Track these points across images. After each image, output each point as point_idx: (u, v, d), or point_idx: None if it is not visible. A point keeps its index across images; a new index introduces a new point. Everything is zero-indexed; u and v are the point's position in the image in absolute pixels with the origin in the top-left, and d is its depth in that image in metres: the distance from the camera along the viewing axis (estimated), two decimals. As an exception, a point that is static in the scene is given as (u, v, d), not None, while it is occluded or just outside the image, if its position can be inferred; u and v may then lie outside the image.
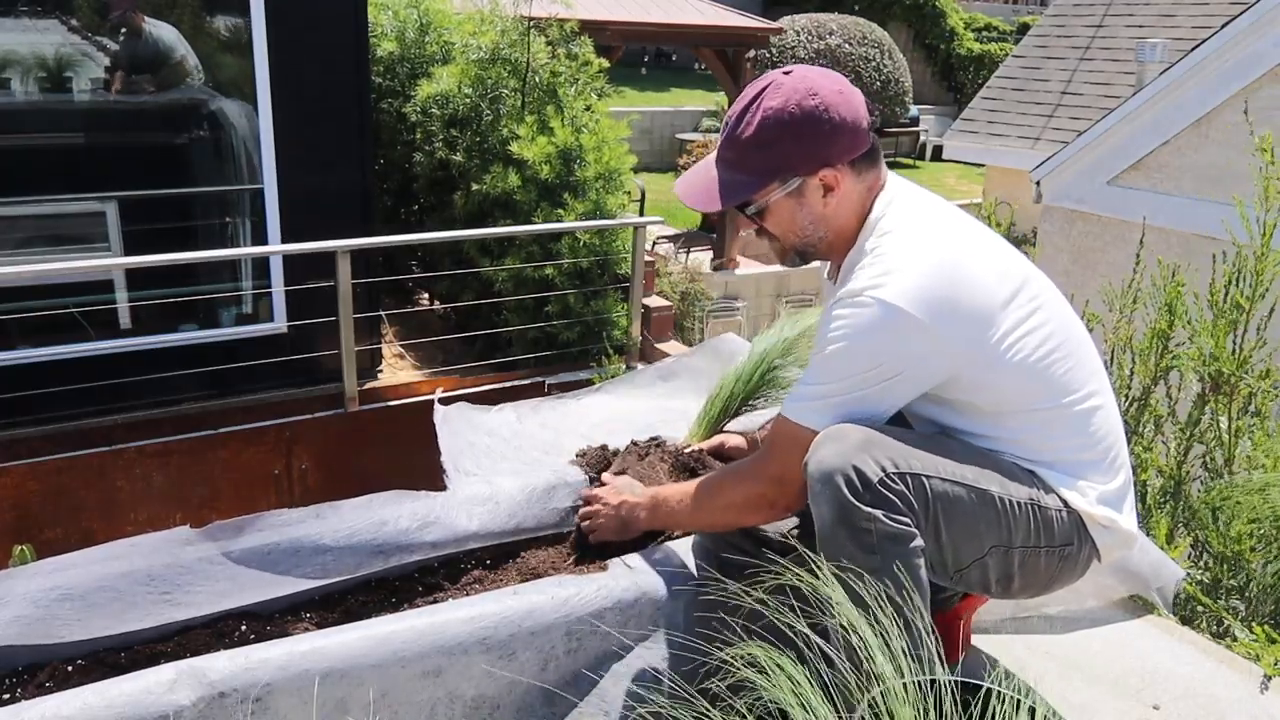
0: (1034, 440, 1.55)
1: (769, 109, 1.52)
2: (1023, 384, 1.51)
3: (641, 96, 17.14)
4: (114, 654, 1.65)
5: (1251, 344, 2.71)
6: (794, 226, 1.60)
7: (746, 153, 1.55)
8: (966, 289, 1.47)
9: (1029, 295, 1.53)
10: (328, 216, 4.50)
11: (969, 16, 20.74)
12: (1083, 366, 1.57)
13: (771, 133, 1.52)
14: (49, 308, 4.08)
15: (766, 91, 1.54)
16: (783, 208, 1.58)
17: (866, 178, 1.59)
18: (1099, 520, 1.54)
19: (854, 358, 1.47)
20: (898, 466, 1.42)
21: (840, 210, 1.58)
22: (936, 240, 1.51)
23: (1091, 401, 1.56)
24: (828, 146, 1.53)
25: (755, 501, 1.60)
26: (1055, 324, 1.55)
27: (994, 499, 1.47)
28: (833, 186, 1.55)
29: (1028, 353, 1.50)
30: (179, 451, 4.18)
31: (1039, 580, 1.57)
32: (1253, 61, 5.84)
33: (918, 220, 1.55)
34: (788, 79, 1.54)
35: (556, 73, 5.33)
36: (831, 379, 1.49)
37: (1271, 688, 1.88)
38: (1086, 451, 1.56)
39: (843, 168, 1.55)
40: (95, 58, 4.30)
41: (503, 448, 2.24)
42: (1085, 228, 6.97)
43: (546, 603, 1.60)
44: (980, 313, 1.48)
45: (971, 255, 1.51)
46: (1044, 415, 1.53)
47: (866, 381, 1.47)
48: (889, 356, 1.46)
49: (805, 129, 1.51)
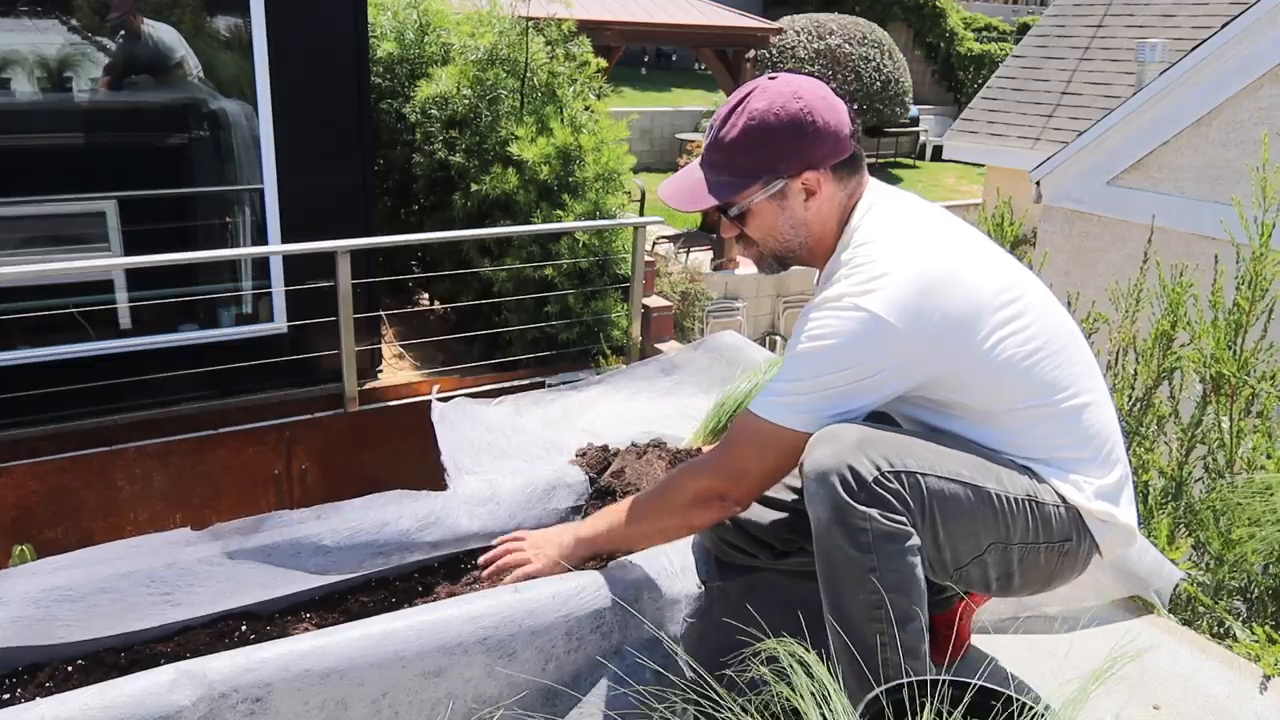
0: (1026, 437, 1.55)
1: (755, 111, 1.54)
2: (1009, 383, 1.52)
3: (641, 96, 17.14)
4: (114, 654, 1.66)
5: (1253, 345, 2.71)
6: (775, 230, 1.61)
7: (731, 154, 1.56)
8: (945, 296, 1.47)
9: (1012, 296, 1.53)
10: (328, 216, 4.50)
11: (969, 16, 20.74)
12: (1072, 364, 1.57)
13: (756, 134, 1.54)
14: (49, 308, 4.08)
15: (752, 95, 1.56)
16: (764, 210, 1.59)
17: (848, 185, 1.60)
18: (1096, 515, 1.54)
19: (828, 359, 1.48)
20: (893, 465, 1.42)
21: (820, 215, 1.59)
22: (915, 248, 1.52)
23: (1081, 398, 1.56)
24: (811, 150, 1.54)
25: (706, 495, 1.60)
26: (1040, 323, 1.55)
27: (990, 496, 1.48)
28: (814, 190, 1.57)
29: (1012, 352, 1.51)
30: (179, 451, 4.18)
31: (1039, 577, 1.57)
32: (1253, 61, 5.84)
33: (896, 228, 1.56)
34: (773, 84, 1.56)
35: (555, 73, 5.34)
36: (803, 377, 1.50)
37: (1271, 688, 1.88)
38: (1080, 448, 1.56)
39: (825, 172, 1.56)
40: (95, 58, 4.30)
41: (503, 443, 2.24)
42: (1085, 228, 6.97)
43: (547, 602, 1.60)
44: (960, 318, 1.48)
45: (951, 261, 1.52)
46: (1034, 413, 1.54)
47: (837, 382, 1.48)
48: (863, 360, 1.47)
49: (789, 131, 1.53)
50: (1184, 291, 2.81)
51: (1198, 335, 2.77)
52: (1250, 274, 2.68)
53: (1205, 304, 2.83)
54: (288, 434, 4.39)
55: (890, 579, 1.40)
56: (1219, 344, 2.69)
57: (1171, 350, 2.85)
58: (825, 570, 1.45)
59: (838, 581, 1.43)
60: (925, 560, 1.46)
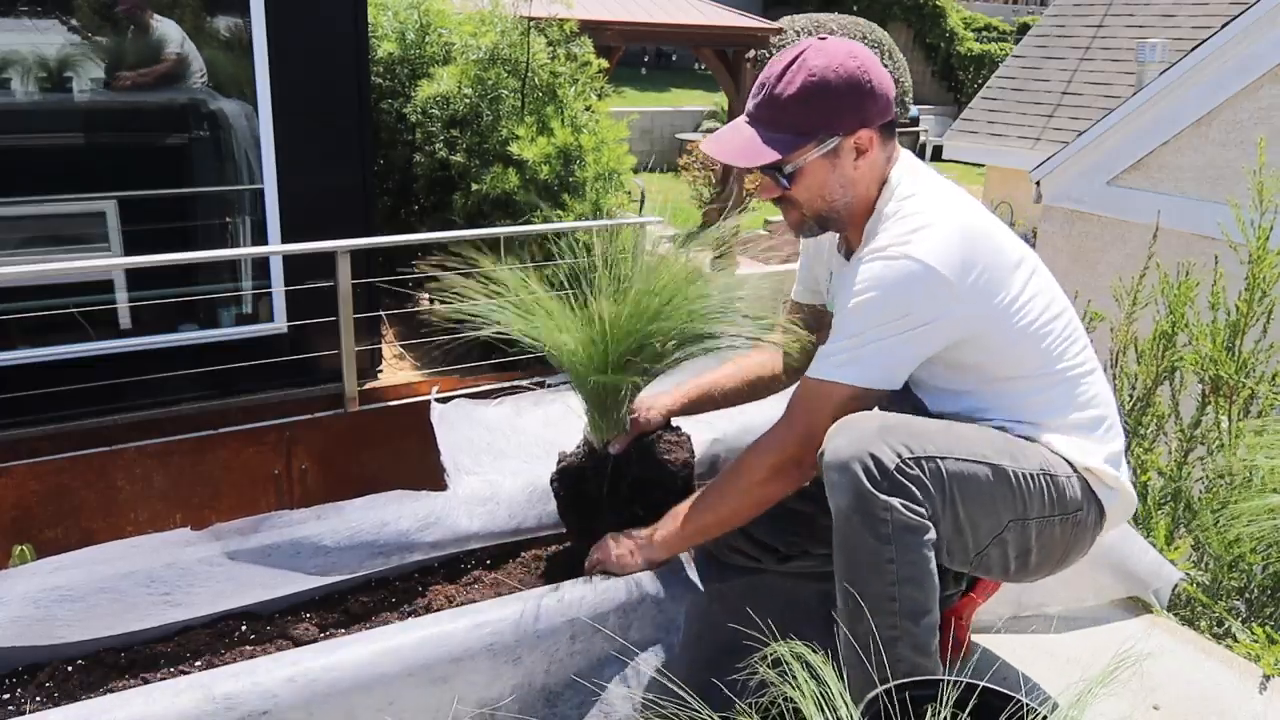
0: (1037, 405, 1.59)
1: (814, 67, 1.53)
2: (1028, 348, 1.57)
3: (641, 96, 17.14)
4: (114, 654, 1.66)
5: (1253, 346, 2.72)
6: (824, 189, 1.60)
7: (788, 111, 1.55)
8: (986, 251, 1.52)
9: (1031, 265, 1.59)
10: (328, 216, 4.50)
11: (969, 16, 20.73)
12: (1077, 334, 1.63)
13: (815, 91, 1.53)
14: (49, 308, 4.08)
15: (807, 52, 1.55)
16: (816, 169, 1.58)
17: (888, 147, 1.62)
18: (1106, 480, 1.58)
19: (882, 307, 1.49)
20: (913, 451, 1.43)
21: (866, 176, 1.60)
22: (954, 202, 1.56)
23: (1086, 367, 1.62)
24: (868, 108, 1.56)
25: (779, 467, 1.59)
26: (1051, 291, 1.62)
27: (1008, 473, 1.50)
28: (866, 149, 1.58)
29: (1034, 317, 1.56)
30: (179, 451, 4.18)
31: (1055, 552, 1.59)
32: (1253, 61, 5.83)
33: (934, 184, 1.60)
34: (827, 42, 1.57)
35: (556, 73, 5.34)
36: (857, 329, 1.51)
37: (1271, 688, 1.88)
38: (1086, 413, 1.61)
39: (875, 131, 1.58)
40: (96, 56, 4.30)
41: (503, 443, 2.23)
42: (1085, 228, 6.96)
43: (552, 606, 1.60)
44: (997, 274, 1.53)
45: (984, 218, 1.58)
46: (1045, 380, 1.59)
47: (891, 331, 1.49)
48: (916, 307, 1.48)
49: (848, 88, 1.53)
50: (1186, 293, 2.81)
51: (1197, 336, 2.77)
52: (1249, 276, 2.69)
53: (1204, 305, 2.83)
54: (288, 434, 4.39)
55: (906, 570, 1.41)
56: (1217, 345, 2.69)
57: (1171, 350, 2.85)
58: (843, 560, 1.45)
59: (856, 571, 1.43)
60: (945, 548, 1.47)
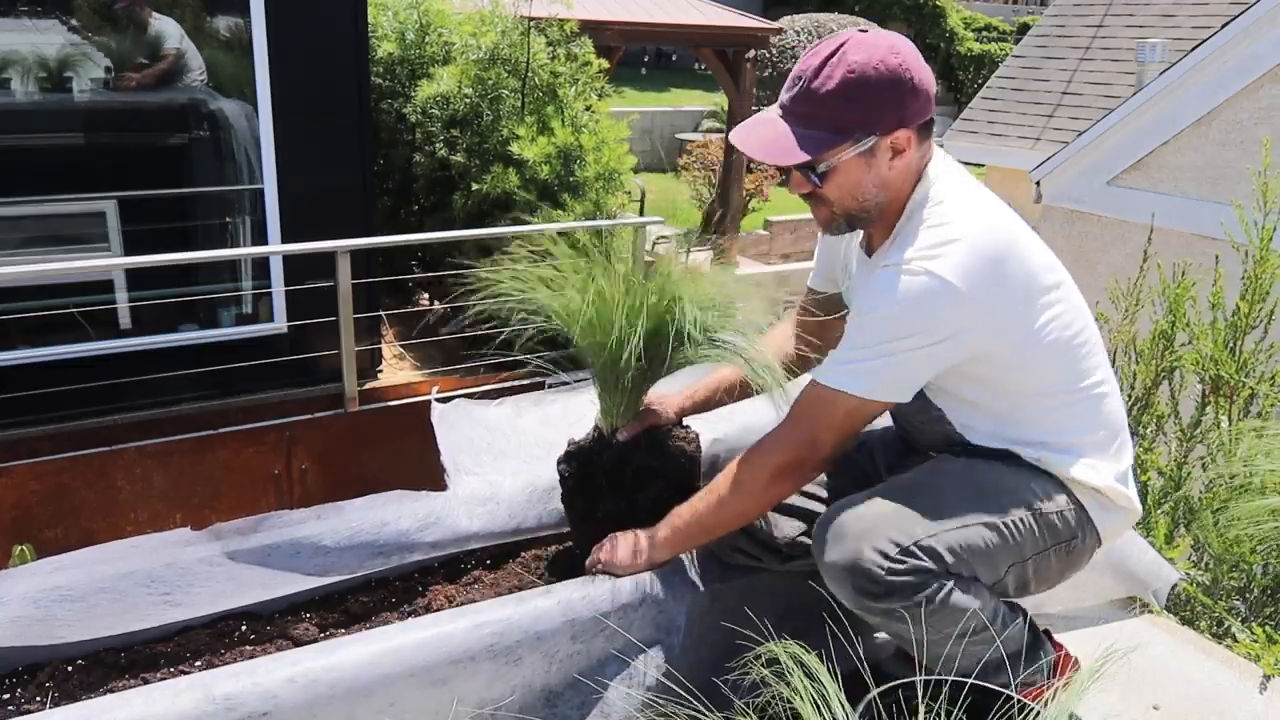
0: (1055, 422, 1.57)
1: (854, 63, 1.45)
2: (1050, 364, 1.54)
3: (641, 96, 17.13)
4: (114, 654, 1.66)
5: (1254, 346, 2.71)
6: (857, 189, 1.53)
7: (826, 107, 1.47)
8: (1014, 266, 1.48)
9: (1059, 278, 1.55)
10: (328, 216, 4.50)
11: (969, 16, 20.73)
12: (1098, 351, 1.60)
13: (855, 88, 1.45)
14: (49, 308, 4.08)
15: (847, 47, 1.46)
16: (851, 168, 1.51)
17: (924, 146, 1.55)
18: (1115, 498, 1.57)
19: (897, 322, 1.46)
20: (900, 544, 1.43)
21: (900, 176, 1.53)
22: (984, 213, 1.51)
23: (1104, 387, 1.59)
24: (908, 107, 1.48)
25: (781, 470, 1.57)
26: (1077, 308, 1.57)
27: (999, 526, 1.49)
28: (903, 149, 1.50)
29: (1056, 336, 1.52)
30: (179, 451, 4.18)
31: (1052, 578, 1.61)
32: (1253, 61, 5.83)
33: (966, 191, 1.54)
34: (868, 36, 1.48)
35: (556, 73, 5.34)
36: (868, 343, 1.48)
37: (1271, 688, 1.88)
38: (1100, 434, 1.59)
39: (913, 131, 1.51)
40: (95, 56, 4.29)
41: (503, 444, 2.23)
42: (1085, 228, 6.96)
43: (552, 607, 1.60)
44: (1025, 290, 1.49)
45: (1014, 230, 1.52)
46: (1064, 398, 1.56)
47: (904, 347, 1.46)
48: (932, 325, 1.45)
49: (889, 86, 1.45)
50: (1185, 293, 2.81)
51: (1197, 336, 2.77)
52: (1251, 277, 2.69)
53: (1205, 304, 2.83)
54: (288, 434, 4.39)
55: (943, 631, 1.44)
56: (1218, 345, 2.69)
57: (1171, 350, 2.85)
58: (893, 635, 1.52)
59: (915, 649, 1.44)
60: None
